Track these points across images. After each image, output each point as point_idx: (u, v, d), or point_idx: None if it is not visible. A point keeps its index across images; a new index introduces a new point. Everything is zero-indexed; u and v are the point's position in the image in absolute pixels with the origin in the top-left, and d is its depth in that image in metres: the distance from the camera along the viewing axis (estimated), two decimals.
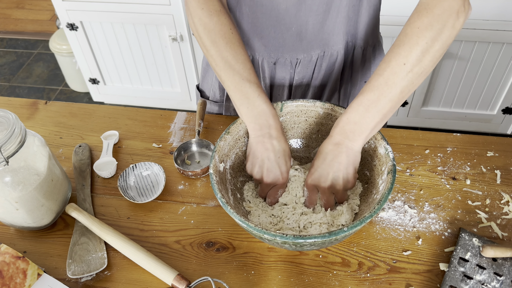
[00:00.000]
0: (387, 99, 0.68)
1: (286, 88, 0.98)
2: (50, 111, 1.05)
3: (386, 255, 0.75)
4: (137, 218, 0.83)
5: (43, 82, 2.65)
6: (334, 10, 0.84)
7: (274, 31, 0.88)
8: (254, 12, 0.86)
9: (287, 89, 0.99)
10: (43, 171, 0.76)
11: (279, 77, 0.97)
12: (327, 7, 0.84)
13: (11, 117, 0.71)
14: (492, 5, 1.65)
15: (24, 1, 3.28)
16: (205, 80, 1.07)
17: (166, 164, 0.91)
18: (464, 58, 1.83)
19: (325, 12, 0.84)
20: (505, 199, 0.82)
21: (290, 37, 0.88)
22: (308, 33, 0.88)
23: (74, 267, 0.74)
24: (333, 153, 0.72)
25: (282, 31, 0.87)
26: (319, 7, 0.83)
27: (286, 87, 0.98)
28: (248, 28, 0.89)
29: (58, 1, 1.94)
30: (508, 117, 2.01)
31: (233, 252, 0.77)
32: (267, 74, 0.96)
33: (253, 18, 0.87)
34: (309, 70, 0.95)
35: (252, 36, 0.90)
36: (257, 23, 0.87)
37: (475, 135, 0.94)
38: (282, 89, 0.99)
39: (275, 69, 0.95)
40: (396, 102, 0.69)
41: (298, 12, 0.84)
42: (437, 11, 0.66)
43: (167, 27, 1.94)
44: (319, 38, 0.89)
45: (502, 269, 0.71)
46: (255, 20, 0.87)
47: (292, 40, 0.89)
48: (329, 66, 0.95)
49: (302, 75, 0.95)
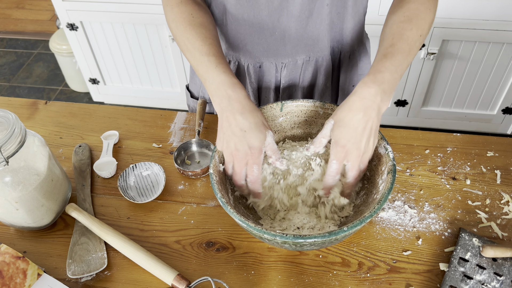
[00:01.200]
0: (407, 62, 0.72)
1: (273, 91, 0.98)
2: (50, 111, 1.05)
3: (386, 255, 0.75)
4: (137, 218, 0.83)
5: (43, 82, 2.65)
6: (316, 17, 0.85)
7: (258, 37, 0.88)
8: (237, 21, 0.87)
9: (274, 92, 0.99)
10: (43, 171, 0.76)
11: (266, 81, 0.97)
12: (309, 13, 0.84)
13: (11, 117, 0.71)
14: (492, 5, 1.65)
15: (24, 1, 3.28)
16: (194, 80, 1.07)
17: (166, 164, 0.91)
18: (464, 58, 1.83)
19: (308, 18, 0.85)
20: (505, 199, 0.82)
21: (274, 42, 0.89)
22: (292, 38, 0.88)
23: (74, 267, 0.74)
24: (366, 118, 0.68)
25: (265, 36, 0.88)
26: (301, 13, 0.84)
27: (272, 90, 0.98)
28: (233, 35, 0.90)
29: (58, 1, 1.94)
30: (508, 117, 2.01)
31: (233, 252, 0.77)
32: (254, 78, 0.96)
33: (236, 25, 0.88)
34: (296, 74, 0.95)
35: (237, 42, 0.91)
36: (240, 30, 0.88)
37: (475, 135, 0.94)
38: (269, 92, 0.99)
39: (261, 72, 0.95)
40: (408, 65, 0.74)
41: (280, 18, 0.84)
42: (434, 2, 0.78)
43: (167, 27, 1.94)
44: (303, 43, 0.89)
45: (502, 269, 0.71)
46: (238, 27, 0.88)
47: (276, 44, 0.89)
48: (315, 71, 0.95)
49: (288, 78, 0.95)
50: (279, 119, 0.83)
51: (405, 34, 0.73)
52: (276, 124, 0.83)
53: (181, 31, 0.80)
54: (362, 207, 0.74)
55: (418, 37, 0.74)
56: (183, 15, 0.81)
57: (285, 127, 0.84)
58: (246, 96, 0.72)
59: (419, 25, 0.75)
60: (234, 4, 0.84)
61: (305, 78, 0.96)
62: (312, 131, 0.84)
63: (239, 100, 0.71)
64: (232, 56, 0.95)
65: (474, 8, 1.66)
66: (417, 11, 0.76)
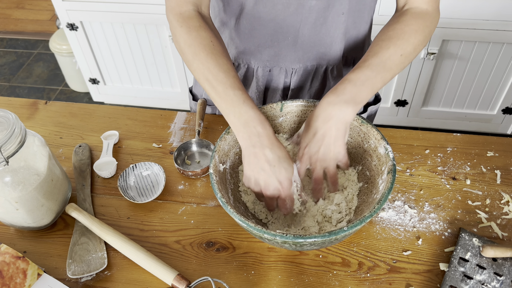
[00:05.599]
0: (382, 79, 0.73)
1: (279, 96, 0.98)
2: (50, 111, 1.05)
3: (386, 255, 0.75)
4: (137, 218, 0.83)
5: (43, 82, 2.65)
6: (331, 25, 0.85)
7: (271, 40, 0.88)
8: (252, 23, 0.86)
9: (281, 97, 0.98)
10: (43, 171, 0.76)
11: (274, 85, 0.97)
12: (324, 20, 0.84)
13: (11, 117, 0.71)
14: (492, 5, 1.65)
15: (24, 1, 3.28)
16: (197, 83, 1.07)
17: (166, 164, 0.91)
18: (464, 58, 1.83)
19: (322, 25, 0.85)
20: (505, 199, 0.82)
21: (286, 46, 0.89)
22: (304, 44, 0.88)
23: (74, 267, 0.74)
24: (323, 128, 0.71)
25: (279, 39, 0.88)
26: (316, 20, 0.84)
27: (279, 94, 0.98)
28: (245, 38, 0.89)
29: (58, 1, 1.94)
30: (508, 117, 2.01)
31: (233, 252, 0.77)
32: (261, 81, 0.96)
33: (250, 29, 0.87)
34: (305, 79, 0.95)
35: (248, 45, 0.91)
36: (254, 33, 0.88)
37: (475, 135, 0.94)
38: (275, 96, 0.98)
39: (270, 76, 0.95)
40: (384, 84, 0.74)
41: (295, 23, 0.84)
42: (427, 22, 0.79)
43: (167, 27, 1.94)
44: (316, 50, 0.89)
45: (502, 269, 0.71)
46: (253, 31, 0.87)
47: (288, 49, 0.89)
48: (325, 78, 0.95)
49: (297, 84, 0.95)
50: (279, 119, 0.83)
51: (380, 52, 0.74)
52: (276, 124, 0.83)
53: (200, 59, 0.75)
54: (362, 207, 0.74)
55: (398, 56, 0.75)
56: (203, 41, 0.76)
57: (285, 127, 0.84)
58: (273, 132, 0.72)
59: (399, 45, 0.75)
60: (253, 4, 0.83)
61: (314, 84, 0.96)
62: None
63: (268, 136, 0.71)
64: (242, 59, 0.94)
65: (474, 8, 1.66)
66: (401, 31, 0.76)
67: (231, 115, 0.72)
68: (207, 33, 0.77)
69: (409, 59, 0.76)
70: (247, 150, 0.71)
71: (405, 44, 0.75)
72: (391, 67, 0.74)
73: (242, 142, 0.71)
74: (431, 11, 0.80)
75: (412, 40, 0.76)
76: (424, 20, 0.78)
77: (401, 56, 0.75)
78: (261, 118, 0.71)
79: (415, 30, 0.77)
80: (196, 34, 0.76)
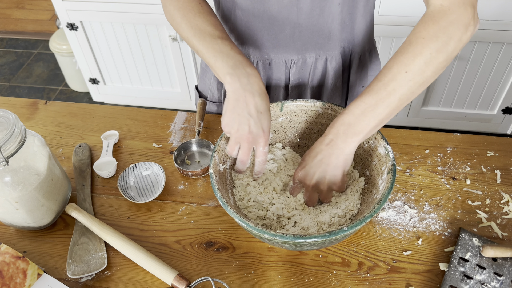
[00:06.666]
0: (385, 105, 0.66)
1: (283, 89, 0.98)
2: (50, 111, 1.05)
3: (386, 255, 0.75)
4: (137, 218, 0.83)
5: (43, 82, 2.65)
6: (327, 15, 0.85)
7: (268, 33, 0.88)
8: (246, 16, 0.87)
9: (284, 90, 0.99)
10: (43, 171, 0.76)
11: (275, 78, 0.97)
12: (320, 11, 0.84)
13: (11, 117, 0.71)
14: (492, 5, 1.65)
15: (24, 1, 3.28)
16: (203, 80, 1.07)
17: (166, 164, 0.91)
18: (464, 58, 1.83)
19: (319, 16, 0.85)
20: (505, 199, 0.82)
21: (284, 38, 0.89)
22: (302, 34, 0.88)
23: (74, 267, 0.74)
24: (323, 153, 0.72)
25: (275, 32, 0.88)
26: (312, 11, 0.84)
27: (282, 87, 0.98)
28: (242, 30, 0.90)
29: (58, 1, 1.94)
30: (508, 117, 2.01)
31: (233, 252, 0.77)
32: (263, 76, 0.96)
33: (246, 22, 0.88)
34: (305, 72, 0.95)
35: (246, 39, 0.91)
36: (250, 26, 0.88)
37: (475, 135, 0.94)
38: (279, 90, 0.99)
39: (271, 70, 0.95)
40: (393, 109, 0.67)
41: (290, 14, 0.84)
42: (443, 23, 0.64)
43: (167, 27, 1.94)
44: (314, 41, 0.89)
45: (502, 269, 0.71)
46: (249, 24, 0.88)
47: (286, 40, 0.89)
48: (325, 70, 0.95)
49: (297, 76, 0.95)
50: (279, 119, 0.83)
51: (382, 74, 0.67)
52: (276, 124, 0.83)
53: (189, 18, 0.78)
54: (362, 207, 0.74)
55: (403, 74, 0.65)
56: (191, 4, 0.80)
57: (285, 127, 0.84)
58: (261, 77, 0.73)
59: (402, 61, 0.65)
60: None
61: (315, 77, 0.96)
62: (312, 131, 0.84)
63: (257, 81, 0.71)
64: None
65: None
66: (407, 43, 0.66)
67: (219, 61, 0.73)
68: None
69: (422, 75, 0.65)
70: (235, 93, 0.71)
71: (410, 59, 0.65)
72: (394, 89, 0.65)
73: (230, 85, 0.71)
74: (447, 8, 0.64)
75: (419, 51, 0.64)
76: (437, 21, 0.65)
77: (406, 73, 0.65)
78: (249, 62, 0.73)
79: (422, 37, 0.65)
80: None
